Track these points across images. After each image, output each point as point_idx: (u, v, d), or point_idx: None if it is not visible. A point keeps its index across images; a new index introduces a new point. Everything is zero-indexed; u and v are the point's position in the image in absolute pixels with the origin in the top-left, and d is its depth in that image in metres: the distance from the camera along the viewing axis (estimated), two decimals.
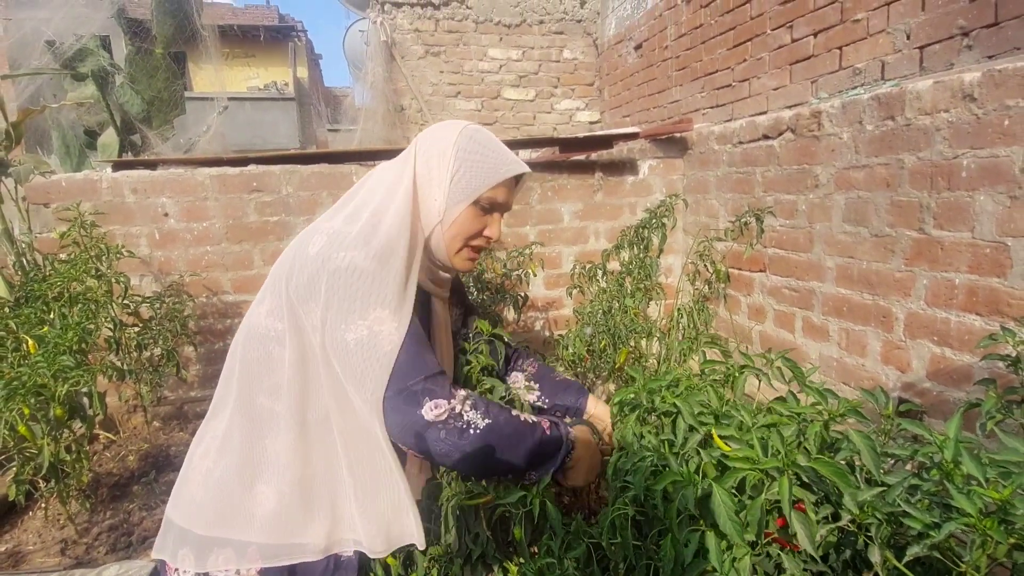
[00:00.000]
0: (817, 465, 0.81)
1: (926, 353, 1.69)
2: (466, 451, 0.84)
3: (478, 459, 0.86)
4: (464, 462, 0.86)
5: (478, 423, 0.86)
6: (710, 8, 3.22)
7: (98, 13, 5.11)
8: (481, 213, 0.99)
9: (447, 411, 0.84)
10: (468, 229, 0.99)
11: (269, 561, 0.87)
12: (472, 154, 0.97)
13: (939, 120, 1.61)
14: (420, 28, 4.76)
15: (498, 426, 0.87)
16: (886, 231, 1.81)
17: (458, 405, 0.86)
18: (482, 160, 0.97)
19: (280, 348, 0.90)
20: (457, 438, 0.84)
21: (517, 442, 0.89)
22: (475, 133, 0.99)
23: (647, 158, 2.94)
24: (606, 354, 2.15)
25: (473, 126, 1.02)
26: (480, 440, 0.85)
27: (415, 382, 0.84)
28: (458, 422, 0.84)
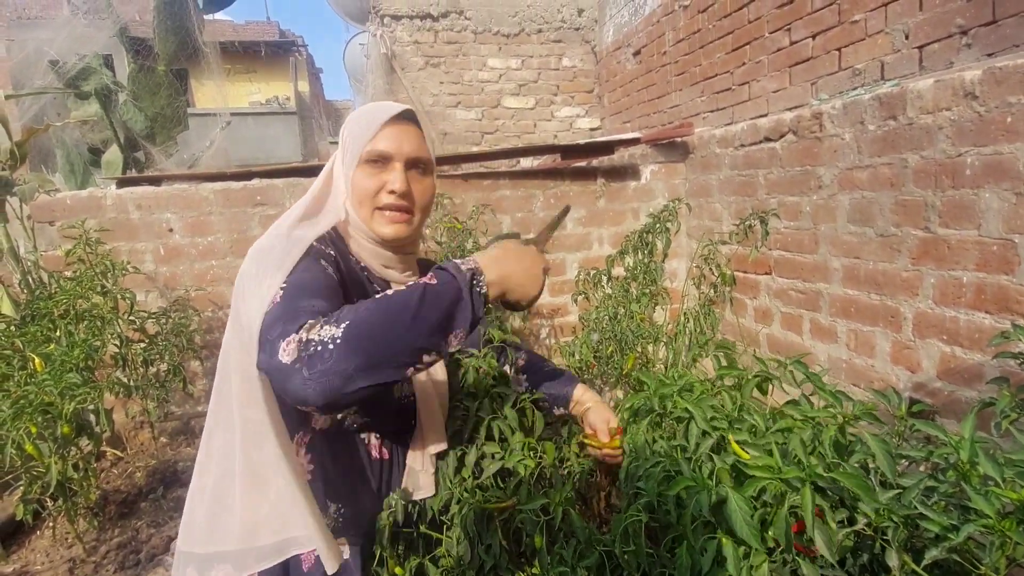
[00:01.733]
0: (840, 476, 0.80)
1: (936, 352, 1.68)
2: (339, 372, 0.67)
3: (363, 370, 0.68)
4: (350, 383, 0.68)
5: (334, 335, 0.68)
6: (708, 13, 3.24)
7: (100, 32, 5.17)
8: (375, 169, 0.92)
9: (296, 343, 0.68)
10: (365, 187, 0.91)
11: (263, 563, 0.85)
12: (353, 122, 0.95)
13: (941, 119, 1.61)
14: (420, 40, 4.80)
15: (359, 322, 0.70)
16: (892, 231, 1.80)
17: (305, 332, 0.69)
18: (360, 121, 0.94)
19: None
20: (320, 365, 0.66)
21: (395, 321, 0.71)
22: (365, 106, 0.97)
23: (649, 163, 2.94)
24: (613, 360, 2.14)
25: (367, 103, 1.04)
26: (346, 350, 0.67)
27: (275, 331, 0.71)
28: (309, 349, 0.67)
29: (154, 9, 4.66)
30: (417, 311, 0.72)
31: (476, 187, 2.72)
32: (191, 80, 11.18)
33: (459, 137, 4.96)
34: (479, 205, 2.62)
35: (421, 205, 0.96)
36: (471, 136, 4.99)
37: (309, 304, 0.74)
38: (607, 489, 1.41)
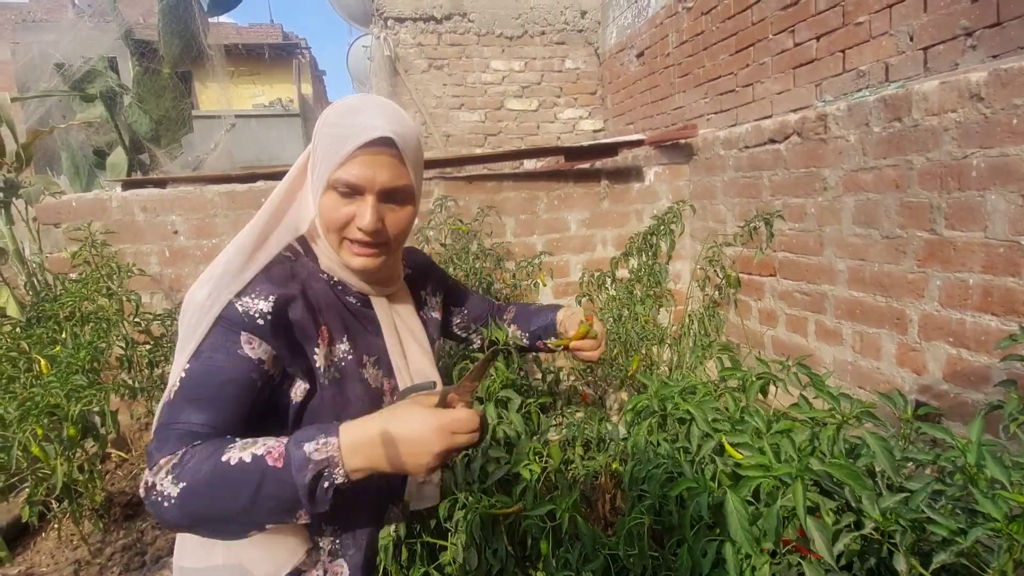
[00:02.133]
0: (831, 468, 0.80)
1: (942, 355, 1.67)
2: (178, 526, 0.70)
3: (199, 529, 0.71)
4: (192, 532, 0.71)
5: (171, 493, 0.67)
6: (711, 15, 3.24)
7: (105, 35, 5.20)
8: (343, 199, 0.80)
9: (145, 488, 0.69)
10: (333, 217, 0.81)
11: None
12: (326, 126, 0.81)
13: (947, 120, 1.61)
14: (423, 42, 4.81)
15: (193, 487, 0.67)
16: (897, 232, 1.79)
17: (152, 477, 0.69)
18: (332, 134, 0.80)
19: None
20: (159, 511, 0.68)
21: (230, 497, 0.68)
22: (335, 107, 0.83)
23: (652, 165, 2.94)
24: (618, 362, 2.14)
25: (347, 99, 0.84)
26: (179, 509, 0.67)
27: (153, 440, 0.72)
28: (151, 496, 0.68)
29: (159, 12, 4.68)
30: (255, 497, 0.67)
31: (480, 189, 2.72)
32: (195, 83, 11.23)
33: (462, 139, 4.97)
34: (483, 207, 2.62)
35: (396, 237, 0.85)
36: (474, 138, 4.99)
37: (187, 420, 0.71)
38: (612, 492, 1.41)
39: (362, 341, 0.89)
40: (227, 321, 0.75)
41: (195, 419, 0.71)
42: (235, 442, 0.71)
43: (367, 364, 0.89)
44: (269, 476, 0.67)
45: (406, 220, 0.86)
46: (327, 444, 0.68)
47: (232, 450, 0.69)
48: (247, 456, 0.68)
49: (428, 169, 2.87)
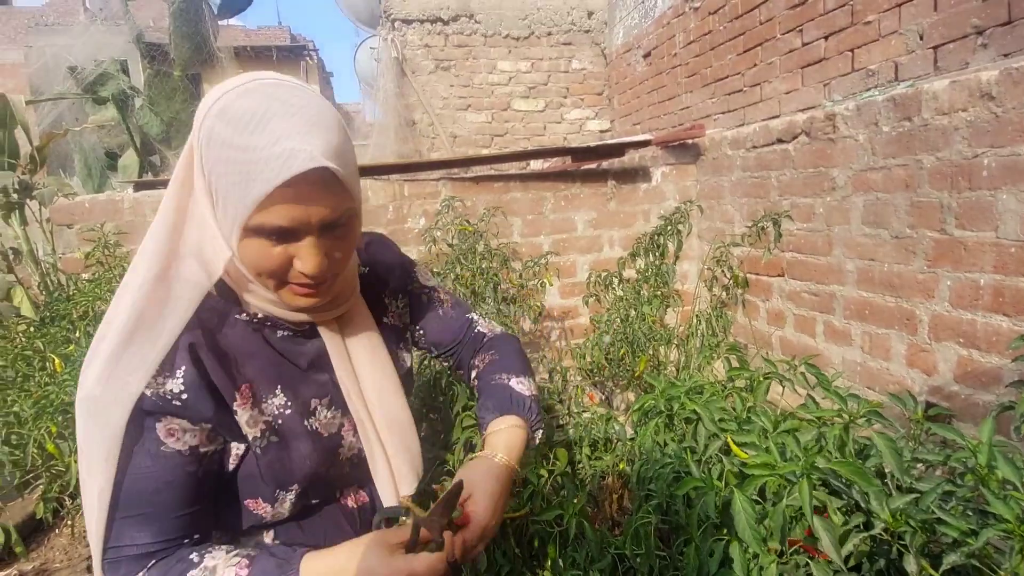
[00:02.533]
0: (836, 466, 0.80)
1: (952, 355, 1.66)
2: None
3: None
4: None
5: None
6: (718, 15, 3.23)
7: (117, 38, 5.27)
8: (270, 243, 0.63)
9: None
10: (263, 267, 0.64)
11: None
12: (220, 162, 0.60)
13: (957, 120, 1.59)
14: (430, 44, 4.83)
15: None
16: (907, 232, 1.78)
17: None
18: (233, 170, 0.59)
19: None
20: None
21: None
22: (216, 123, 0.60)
23: (660, 165, 2.94)
24: (625, 362, 2.14)
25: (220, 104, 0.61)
26: None
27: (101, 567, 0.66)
28: None
29: (169, 15, 4.74)
30: None
31: (487, 189, 2.73)
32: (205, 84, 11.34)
33: (469, 140, 4.98)
34: (490, 207, 2.63)
35: (345, 260, 0.71)
36: (481, 139, 5.00)
37: (132, 542, 0.64)
38: (619, 491, 1.41)
39: (305, 386, 0.75)
40: (136, 414, 0.62)
41: (141, 538, 0.64)
42: (193, 564, 0.65)
43: (317, 409, 0.75)
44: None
45: (354, 240, 0.70)
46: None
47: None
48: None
49: (435, 170, 2.88)
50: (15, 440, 1.56)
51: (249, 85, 0.62)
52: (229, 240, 0.64)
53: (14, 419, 1.57)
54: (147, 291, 0.63)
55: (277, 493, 0.71)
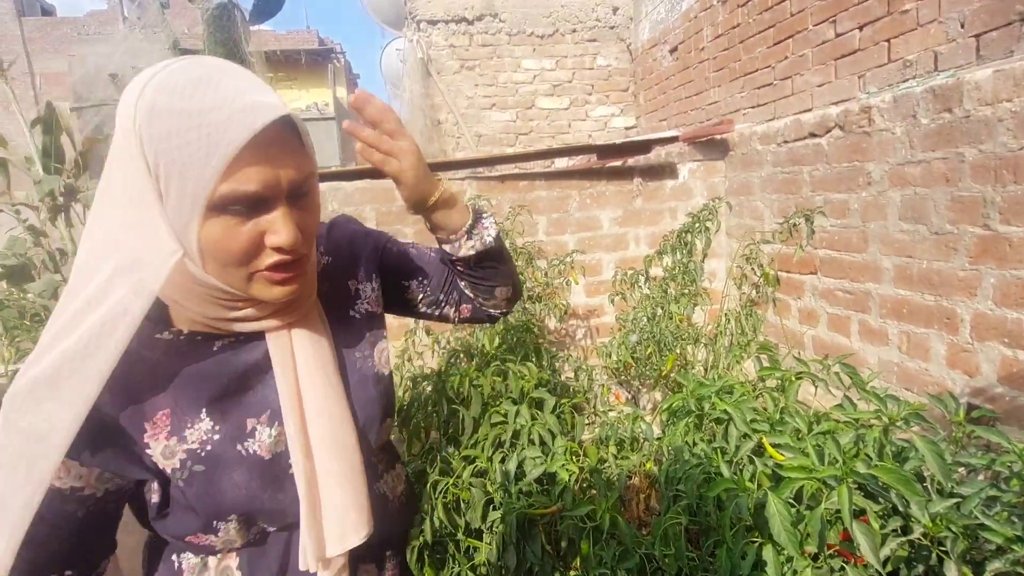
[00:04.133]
0: (878, 472, 0.78)
1: (996, 356, 1.60)
2: None
3: None
4: None
5: None
6: (747, 7, 3.16)
7: (154, 45, 5.45)
8: (238, 219, 0.56)
9: None
10: (232, 251, 0.57)
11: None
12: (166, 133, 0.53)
13: (1001, 110, 1.53)
14: (455, 44, 4.85)
15: None
16: (947, 228, 1.72)
17: None
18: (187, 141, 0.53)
19: None
20: None
21: None
22: (157, 96, 0.53)
23: (687, 161, 2.90)
24: (652, 361, 2.12)
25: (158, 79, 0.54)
26: None
27: None
28: None
29: (204, 22, 4.87)
30: None
31: (512, 188, 2.74)
32: None
33: (494, 139, 4.99)
34: (515, 206, 2.63)
35: (311, 239, 0.63)
36: (506, 138, 5.01)
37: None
38: (646, 491, 1.40)
39: (238, 406, 0.65)
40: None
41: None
42: None
43: (255, 430, 0.66)
44: None
45: (318, 211, 0.64)
46: None
47: None
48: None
49: (460, 169, 2.90)
50: None
51: (180, 63, 0.56)
52: (185, 233, 0.55)
53: None
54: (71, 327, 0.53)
55: (215, 524, 0.63)
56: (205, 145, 0.52)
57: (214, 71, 0.55)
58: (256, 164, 0.55)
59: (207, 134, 0.52)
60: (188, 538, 0.64)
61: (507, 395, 1.52)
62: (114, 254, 0.55)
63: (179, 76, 0.54)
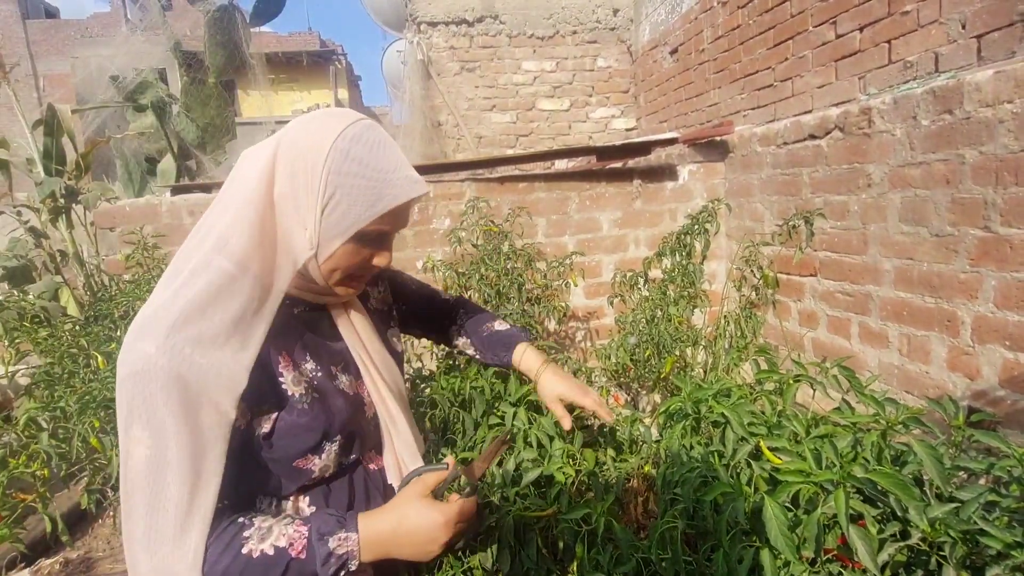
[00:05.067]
0: (875, 476, 0.77)
1: (998, 359, 1.59)
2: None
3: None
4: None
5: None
6: (748, 8, 3.16)
7: (156, 48, 5.47)
8: (365, 246, 0.79)
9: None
10: (349, 263, 0.79)
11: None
12: (349, 176, 0.74)
13: (1002, 112, 1.52)
14: (455, 45, 4.86)
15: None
16: (948, 230, 1.71)
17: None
18: (363, 185, 0.74)
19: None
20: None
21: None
22: (352, 145, 0.75)
23: (686, 163, 2.89)
24: (651, 363, 2.11)
25: (353, 130, 0.75)
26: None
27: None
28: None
29: (205, 24, 4.89)
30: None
31: (511, 190, 2.74)
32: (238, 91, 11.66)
33: (494, 140, 5.00)
34: (514, 208, 2.63)
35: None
36: (506, 139, 5.01)
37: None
38: (644, 495, 1.40)
39: (324, 353, 0.85)
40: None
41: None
42: (247, 526, 0.71)
43: (337, 374, 0.86)
44: (293, 568, 0.69)
45: None
46: (347, 539, 0.72)
47: (249, 540, 0.70)
48: (268, 548, 0.69)
49: (460, 171, 2.90)
50: (62, 434, 1.63)
51: (365, 123, 0.78)
52: (328, 244, 0.76)
53: (60, 414, 1.65)
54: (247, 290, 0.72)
55: (323, 444, 0.80)
56: (375, 193, 0.75)
57: (386, 140, 0.78)
58: (396, 216, 0.78)
59: (379, 187, 0.75)
60: (296, 462, 0.79)
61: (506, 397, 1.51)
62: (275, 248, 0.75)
63: (367, 135, 0.76)
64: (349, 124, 0.76)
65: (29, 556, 1.81)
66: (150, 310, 0.71)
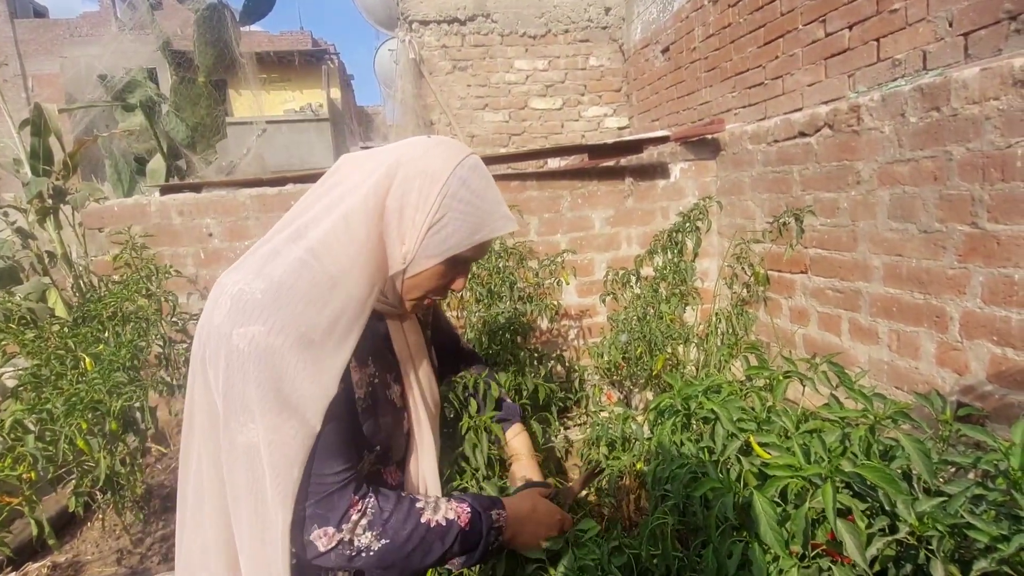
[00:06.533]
0: (863, 470, 0.77)
1: (985, 354, 1.60)
2: (361, 568, 0.79)
3: (380, 573, 0.81)
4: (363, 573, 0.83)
5: (372, 547, 0.76)
6: (738, 7, 3.17)
7: (145, 47, 5.42)
8: (452, 269, 0.85)
9: (336, 541, 0.75)
10: (433, 284, 0.85)
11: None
12: (461, 203, 0.80)
13: (989, 108, 1.53)
14: (447, 44, 4.84)
15: (397, 544, 0.77)
16: (936, 227, 1.72)
17: (347, 533, 0.75)
18: (471, 213, 0.81)
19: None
20: (347, 562, 0.76)
21: (424, 554, 0.79)
22: (470, 174, 0.81)
23: (678, 161, 2.90)
24: (643, 361, 2.11)
25: (472, 160, 0.82)
26: (376, 561, 0.77)
27: (305, 506, 0.74)
28: (347, 549, 0.75)
29: (194, 23, 4.85)
30: (445, 552, 0.80)
31: (503, 188, 2.72)
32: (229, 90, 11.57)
33: (486, 139, 4.99)
34: (507, 206, 2.62)
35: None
36: (498, 138, 5.01)
37: (334, 475, 0.76)
38: (636, 491, 1.40)
39: (383, 361, 0.90)
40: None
41: (340, 470, 0.77)
42: (416, 499, 0.82)
43: (390, 383, 0.91)
44: (460, 537, 0.81)
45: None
46: (500, 515, 0.86)
47: (425, 511, 0.81)
48: (441, 519, 0.81)
49: None
50: (49, 436, 1.61)
51: (477, 159, 0.85)
52: (422, 260, 0.81)
53: (47, 416, 1.63)
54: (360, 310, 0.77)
55: (364, 453, 0.85)
56: (477, 222, 0.81)
57: (491, 177, 0.86)
58: (484, 248, 0.85)
59: (481, 218, 0.81)
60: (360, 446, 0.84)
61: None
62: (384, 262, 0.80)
63: (482, 167, 0.84)
64: (469, 154, 0.84)
65: (15, 560, 1.79)
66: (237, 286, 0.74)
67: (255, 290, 0.71)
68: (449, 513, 0.81)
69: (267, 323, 0.70)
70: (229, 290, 0.73)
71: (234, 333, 0.70)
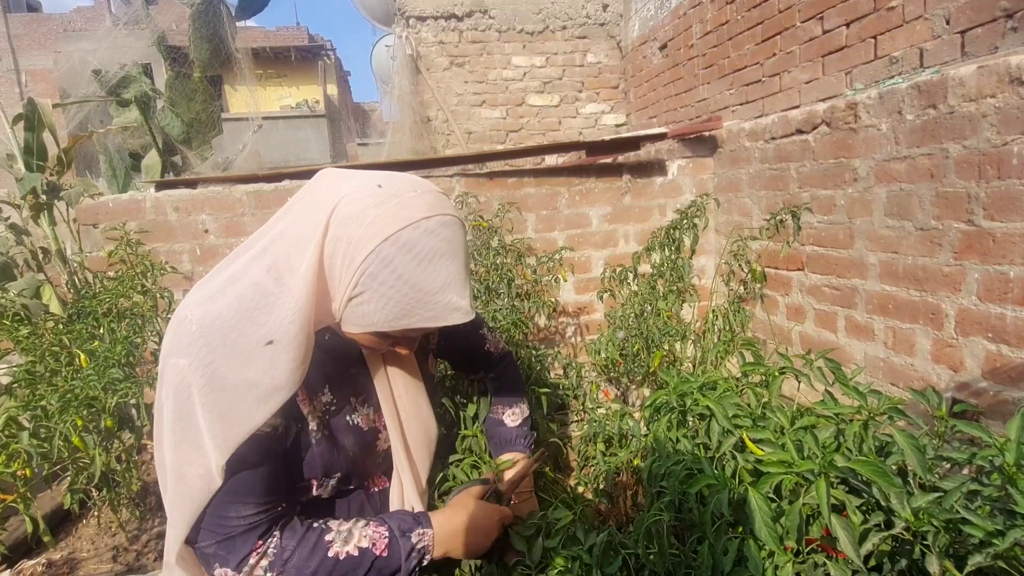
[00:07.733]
0: (856, 465, 0.77)
1: (980, 351, 1.61)
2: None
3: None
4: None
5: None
6: (736, 4, 3.17)
7: (140, 42, 5.38)
8: (386, 339, 0.80)
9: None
10: (370, 343, 0.81)
11: None
12: (383, 285, 0.70)
13: (985, 106, 1.54)
14: (444, 40, 4.83)
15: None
16: (932, 224, 1.73)
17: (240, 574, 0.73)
18: (393, 297, 0.71)
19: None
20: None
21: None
22: (398, 255, 0.69)
23: (676, 158, 2.90)
24: (640, 358, 2.12)
25: (408, 233, 0.70)
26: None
27: (208, 547, 0.73)
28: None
29: (189, 18, 4.82)
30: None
31: (501, 185, 2.73)
32: (225, 86, 11.52)
33: (484, 136, 4.98)
34: (504, 203, 2.62)
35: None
36: (496, 135, 5.00)
37: (240, 519, 0.73)
38: (633, 488, 1.40)
39: (346, 385, 0.87)
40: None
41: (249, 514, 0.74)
42: (327, 530, 0.77)
43: (356, 406, 0.88)
44: (376, 566, 0.76)
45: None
46: (424, 534, 0.81)
47: (334, 544, 0.76)
48: (352, 550, 0.76)
49: (449, 166, 2.88)
50: (43, 433, 1.61)
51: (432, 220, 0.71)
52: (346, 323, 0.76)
53: (42, 413, 1.62)
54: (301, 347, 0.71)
55: (323, 480, 0.83)
56: (405, 308, 0.71)
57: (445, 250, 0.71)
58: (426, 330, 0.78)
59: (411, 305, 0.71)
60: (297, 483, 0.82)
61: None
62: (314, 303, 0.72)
63: (423, 243, 0.70)
64: (408, 225, 0.70)
65: (10, 558, 1.78)
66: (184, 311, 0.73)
67: (192, 320, 0.70)
68: (363, 542, 0.76)
69: (191, 357, 0.69)
70: (179, 312, 0.73)
71: (168, 359, 0.71)
